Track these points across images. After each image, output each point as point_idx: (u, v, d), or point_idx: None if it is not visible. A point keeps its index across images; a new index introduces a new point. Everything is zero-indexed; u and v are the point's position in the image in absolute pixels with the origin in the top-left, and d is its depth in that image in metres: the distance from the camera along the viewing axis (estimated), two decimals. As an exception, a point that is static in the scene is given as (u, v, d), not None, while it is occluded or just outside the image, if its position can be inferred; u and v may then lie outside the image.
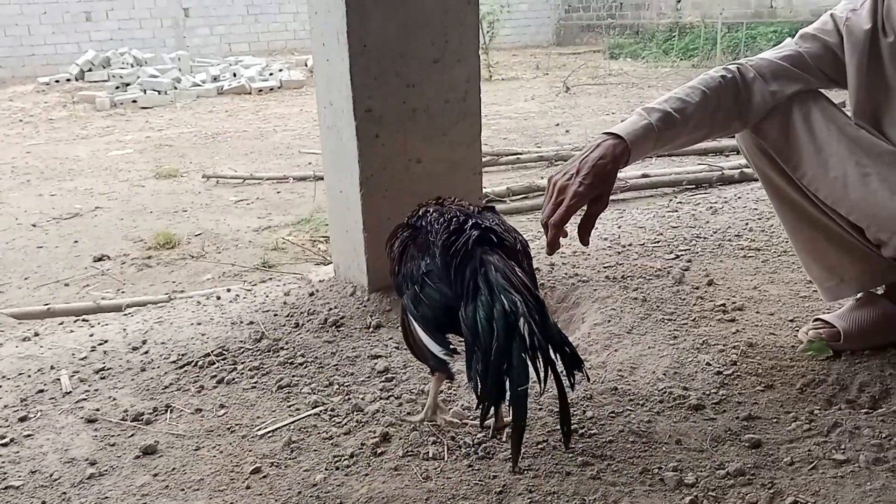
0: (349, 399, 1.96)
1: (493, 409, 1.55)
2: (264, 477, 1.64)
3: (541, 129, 7.59)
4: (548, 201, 1.67)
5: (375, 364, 2.13)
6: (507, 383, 1.44)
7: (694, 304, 2.43)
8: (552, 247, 1.69)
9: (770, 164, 1.98)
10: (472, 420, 1.81)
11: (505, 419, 1.73)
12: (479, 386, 1.46)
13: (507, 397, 1.45)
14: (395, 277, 1.79)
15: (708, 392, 1.91)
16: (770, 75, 1.86)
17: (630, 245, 3.01)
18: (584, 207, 1.71)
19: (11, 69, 12.93)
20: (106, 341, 2.37)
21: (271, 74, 11.49)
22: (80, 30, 13.41)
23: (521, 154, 6.18)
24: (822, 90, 1.93)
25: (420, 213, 1.81)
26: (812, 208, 1.96)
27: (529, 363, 1.45)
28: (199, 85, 10.86)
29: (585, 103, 9.06)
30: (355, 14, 2.33)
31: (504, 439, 1.72)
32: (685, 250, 2.94)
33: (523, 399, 1.44)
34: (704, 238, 3.11)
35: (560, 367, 1.52)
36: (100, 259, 4.24)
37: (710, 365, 2.03)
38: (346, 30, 2.33)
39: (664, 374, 2.00)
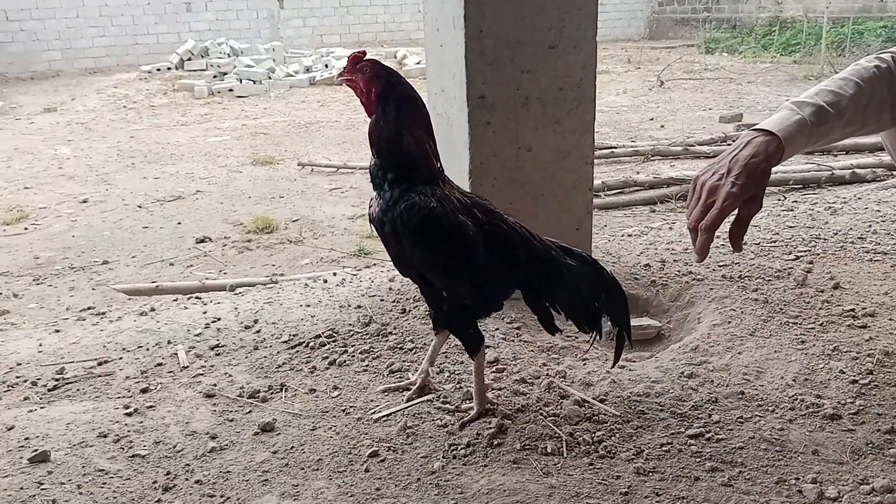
0: (460, 387, 1.93)
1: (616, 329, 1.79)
2: (382, 461, 1.63)
3: (634, 124, 7.41)
4: (695, 204, 1.52)
5: (485, 354, 2.09)
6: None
7: (820, 308, 2.29)
8: (702, 253, 1.51)
9: None
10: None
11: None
12: (612, 316, 1.75)
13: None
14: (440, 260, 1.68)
15: (843, 401, 1.79)
16: None
17: (745, 244, 2.86)
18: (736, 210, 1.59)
19: (116, 57, 13.53)
20: (219, 319, 2.42)
21: (361, 66, 11.60)
22: (181, 20, 13.92)
23: (615, 148, 6.03)
24: None
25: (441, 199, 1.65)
26: None
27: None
28: (292, 75, 11.07)
29: (680, 98, 8.78)
30: (473, -1, 2.29)
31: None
32: (805, 251, 2.79)
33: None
34: (825, 239, 2.94)
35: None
36: (202, 241, 4.37)
37: (844, 373, 1.91)
38: (464, 14, 2.29)
39: (794, 381, 1.89)
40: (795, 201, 3.71)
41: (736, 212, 1.50)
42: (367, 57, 1.68)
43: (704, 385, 1.89)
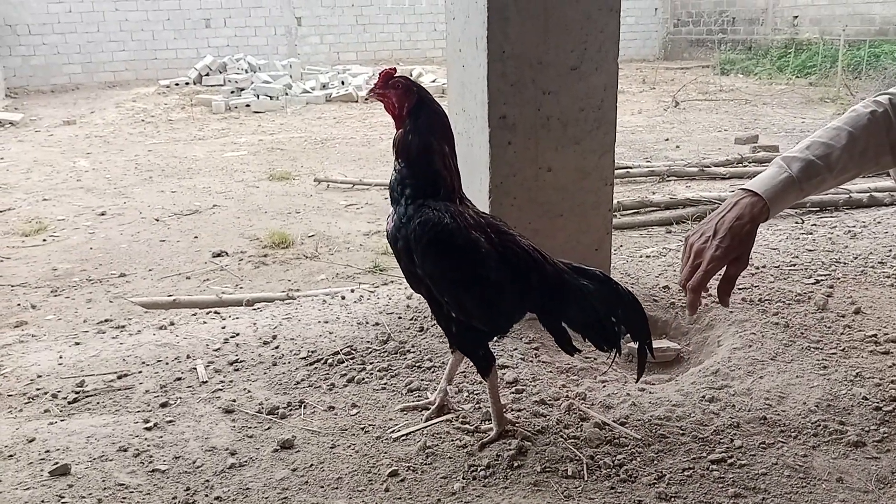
0: (479, 407, 1.93)
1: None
2: (402, 481, 1.62)
3: (649, 144, 7.41)
4: (685, 264, 1.60)
5: (504, 374, 2.09)
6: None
7: (842, 333, 2.27)
8: (692, 310, 1.60)
9: None
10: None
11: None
12: (632, 331, 1.75)
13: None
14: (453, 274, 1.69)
15: (868, 428, 1.77)
16: None
17: (764, 267, 2.86)
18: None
19: (136, 72, 13.71)
20: (237, 334, 2.43)
21: (377, 83, 11.68)
22: (200, 36, 14.08)
23: (630, 168, 6.03)
24: None
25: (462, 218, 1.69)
26: None
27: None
28: (309, 92, 11.16)
29: (695, 119, 8.79)
30: (496, 21, 2.30)
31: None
32: (825, 275, 2.77)
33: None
34: (844, 263, 2.92)
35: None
36: (219, 255, 4.38)
37: (868, 399, 1.89)
38: (487, 35, 2.31)
39: (816, 406, 1.87)
40: (814, 224, 3.69)
41: (724, 269, 1.55)
42: (397, 74, 1.71)
43: (726, 409, 1.87)
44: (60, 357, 2.36)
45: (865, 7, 12.68)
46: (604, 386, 2.04)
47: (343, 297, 2.76)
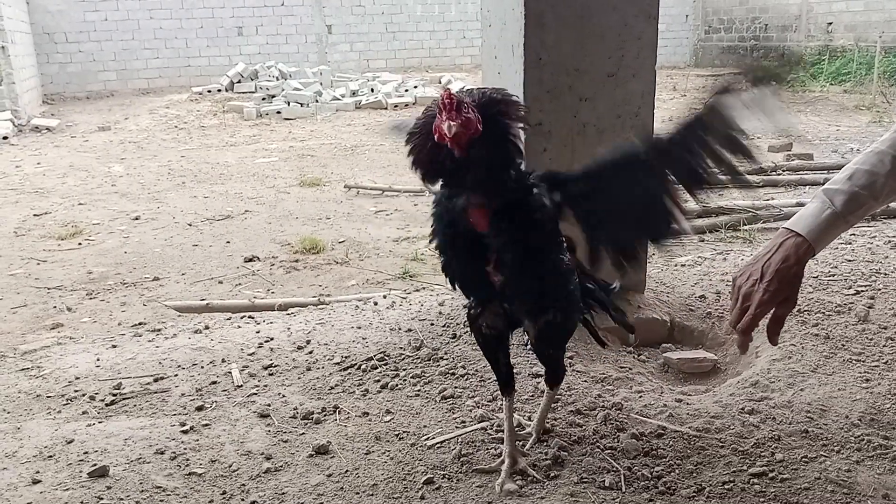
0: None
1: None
2: (437, 489, 1.62)
3: (681, 152, 7.33)
4: (733, 305, 1.62)
5: (538, 384, 2.08)
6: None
7: (884, 346, 2.22)
8: (743, 349, 1.66)
9: None
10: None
11: None
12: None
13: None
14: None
15: (914, 444, 1.73)
16: None
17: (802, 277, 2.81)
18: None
19: (169, 79, 13.92)
20: (272, 339, 2.45)
21: (406, 91, 11.74)
22: (232, 44, 14.27)
23: (662, 177, 5.96)
24: None
25: None
26: None
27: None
28: (339, 99, 11.23)
29: (727, 127, 8.68)
30: (533, 28, 2.30)
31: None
32: (865, 286, 2.71)
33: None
34: (885, 274, 2.86)
35: None
36: (250, 260, 4.42)
37: (913, 414, 1.84)
38: (523, 42, 2.30)
39: (859, 420, 1.83)
40: (853, 234, 3.61)
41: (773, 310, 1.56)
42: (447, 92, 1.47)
43: (766, 422, 1.84)
44: (98, 359, 2.39)
45: (902, 13, 12.45)
46: (640, 396, 2.01)
47: (376, 303, 2.76)
